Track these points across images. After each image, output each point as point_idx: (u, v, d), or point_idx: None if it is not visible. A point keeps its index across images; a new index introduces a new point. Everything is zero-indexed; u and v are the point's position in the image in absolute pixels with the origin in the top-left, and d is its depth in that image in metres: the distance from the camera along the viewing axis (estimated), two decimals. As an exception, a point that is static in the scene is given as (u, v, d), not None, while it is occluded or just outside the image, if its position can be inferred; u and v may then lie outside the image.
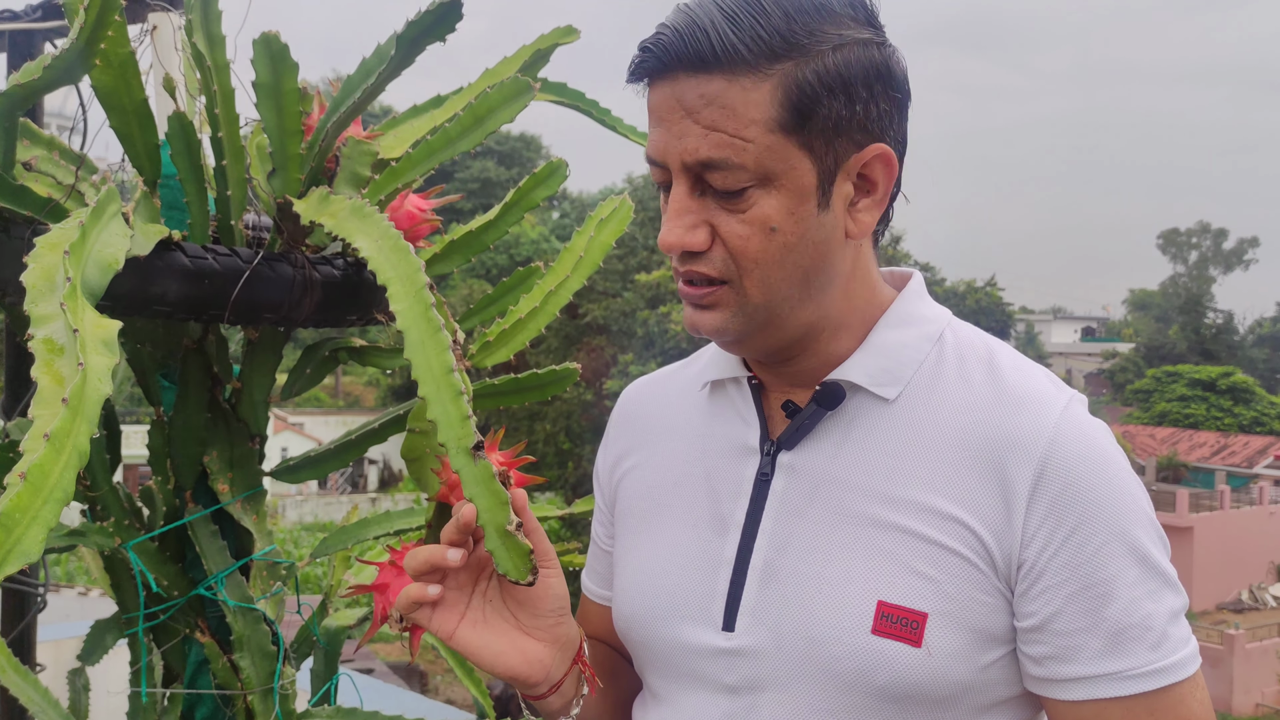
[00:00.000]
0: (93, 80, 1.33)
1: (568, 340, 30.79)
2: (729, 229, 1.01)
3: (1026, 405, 1.04)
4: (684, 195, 1.02)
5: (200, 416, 1.61)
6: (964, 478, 1.03)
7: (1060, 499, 0.99)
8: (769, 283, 1.03)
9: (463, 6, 1.25)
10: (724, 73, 0.97)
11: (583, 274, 1.75)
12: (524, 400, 1.80)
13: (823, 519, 1.07)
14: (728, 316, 1.05)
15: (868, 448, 1.07)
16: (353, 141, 1.54)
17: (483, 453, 1.04)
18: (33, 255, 1.00)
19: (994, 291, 53.89)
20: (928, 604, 1.00)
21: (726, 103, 0.97)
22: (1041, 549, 1.00)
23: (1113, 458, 1.02)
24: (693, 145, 0.99)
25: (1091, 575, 0.98)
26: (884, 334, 1.11)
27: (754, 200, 1.00)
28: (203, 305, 1.43)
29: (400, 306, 1.13)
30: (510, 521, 1.03)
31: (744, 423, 1.16)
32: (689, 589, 1.13)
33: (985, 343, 1.12)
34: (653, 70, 1.01)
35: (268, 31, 1.41)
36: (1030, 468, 1.00)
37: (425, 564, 1.07)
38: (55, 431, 0.81)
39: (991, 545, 1.01)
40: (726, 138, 0.97)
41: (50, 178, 1.49)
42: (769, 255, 1.01)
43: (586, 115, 1.90)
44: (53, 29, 1.93)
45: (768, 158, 0.98)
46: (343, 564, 2.15)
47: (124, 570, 1.65)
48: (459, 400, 1.05)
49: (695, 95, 0.98)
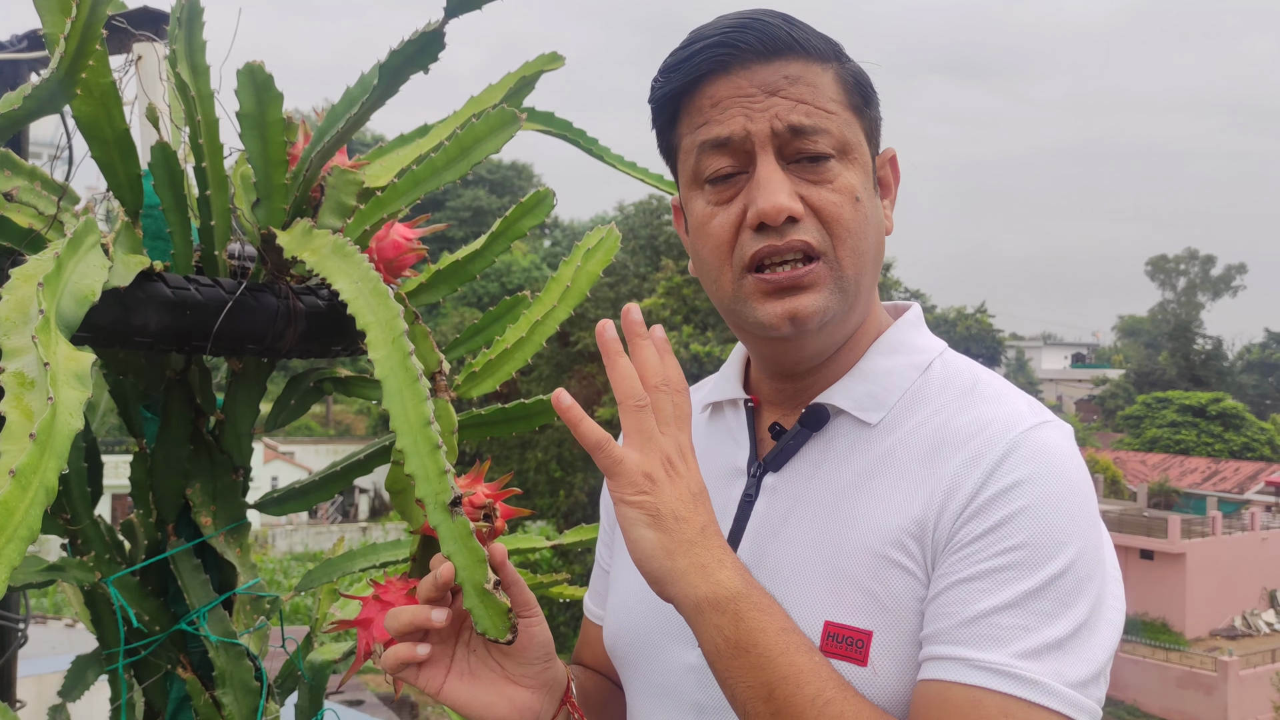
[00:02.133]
0: (74, 110, 1.32)
1: (559, 368, 30.77)
2: (821, 197, 1.04)
3: (995, 421, 1.02)
4: (774, 164, 1.04)
5: (183, 449, 1.59)
6: (921, 488, 1.01)
7: (996, 498, 0.96)
8: (859, 253, 1.05)
9: (444, 37, 1.24)
10: (799, 57, 1.05)
11: (570, 304, 1.74)
12: (511, 431, 1.78)
13: (793, 539, 1.07)
14: (826, 295, 1.05)
15: (841, 469, 1.07)
16: (338, 171, 1.53)
17: (460, 508, 1.03)
18: (7, 287, 0.99)
19: (984, 318, 54.06)
20: (872, 621, 0.99)
21: (810, 80, 1.04)
22: (961, 540, 0.97)
23: (1068, 477, 0.98)
24: (784, 113, 1.03)
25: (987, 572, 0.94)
26: (874, 360, 1.11)
27: (838, 171, 1.04)
28: (185, 336, 1.42)
29: (378, 354, 1.12)
30: (488, 579, 1.02)
31: (736, 445, 1.17)
32: (669, 607, 1.12)
33: (973, 372, 1.12)
34: (723, 60, 1.05)
35: (252, 62, 1.40)
36: (980, 471, 0.98)
37: (409, 625, 1.06)
38: (21, 468, 0.79)
39: (926, 541, 0.99)
40: (814, 108, 1.04)
41: (32, 208, 1.48)
42: (858, 224, 1.05)
43: (574, 144, 1.89)
44: (38, 59, 1.92)
45: (846, 130, 1.05)
46: (329, 597, 2.12)
47: (105, 605, 1.62)
48: (436, 454, 1.04)
49: (778, 76, 1.04)
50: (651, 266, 37.19)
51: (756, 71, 1.04)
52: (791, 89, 1.04)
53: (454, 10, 1.23)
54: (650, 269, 37.33)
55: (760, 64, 1.04)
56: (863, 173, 1.06)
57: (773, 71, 1.04)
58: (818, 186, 1.03)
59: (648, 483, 0.97)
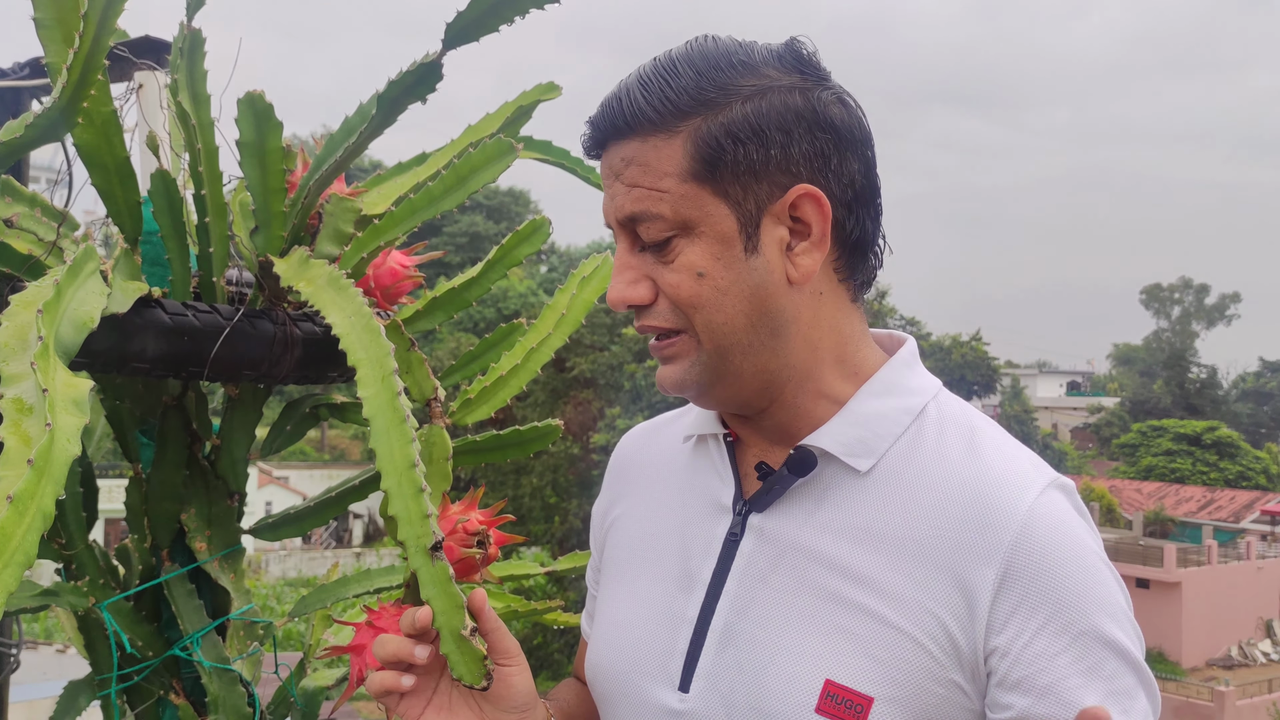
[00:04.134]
0: (75, 138, 1.33)
1: (554, 394, 30.75)
2: (664, 279, 1.05)
3: (1001, 488, 1.02)
4: (624, 252, 1.08)
5: (178, 474, 1.60)
6: (931, 560, 1.00)
7: (1032, 589, 0.97)
8: (712, 327, 1.05)
9: (442, 68, 1.26)
10: (638, 135, 1.04)
11: (565, 331, 1.75)
12: (506, 457, 1.79)
13: (785, 586, 1.06)
14: (687, 367, 1.07)
15: (838, 520, 1.06)
16: (336, 198, 1.54)
17: (441, 553, 1.05)
18: (6, 313, 1.00)
19: (979, 346, 54.13)
20: (875, 688, 0.98)
21: (641, 160, 1.04)
22: (1014, 637, 0.97)
23: (1087, 547, 1.00)
24: (621, 202, 1.05)
25: (1068, 667, 0.96)
26: (864, 402, 1.09)
27: (679, 249, 1.04)
28: (182, 362, 1.43)
29: (367, 392, 1.14)
30: (465, 626, 1.03)
31: (720, 480, 1.16)
32: (651, 645, 1.13)
33: (969, 420, 1.10)
34: (592, 145, 1.09)
35: (252, 91, 1.42)
36: (1000, 554, 0.98)
37: (393, 657, 1.08)
38: (19, 493, 0.79)
39: (955, 632, 0.99)
40: (644, 191, 1.03)
41: (32, 234, 1.49)
42: (703, 299, 1.04)
43: (571, 173, 1.91)
44: (40, 86, 1.94)
45: (684, 206, 1.03)
46: (322, 623, 2.12)
47: (98, 630, 1.62)
48: (419, 498, 1.05)
49: (618, 159, 1.06)
50: (648, 293, 37.12)
51: (610, 153, 1.07)
52: (627, 171, 1.05)
53: (451, 43, 1.25)
54: (646, 295, 37.25)
55: (613, 144, 1.06)
56: (714, 242, 1.03)
57: (617, 153, 1.06)
58: (664, 267, 1.05)
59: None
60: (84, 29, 1.13)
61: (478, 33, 1.26)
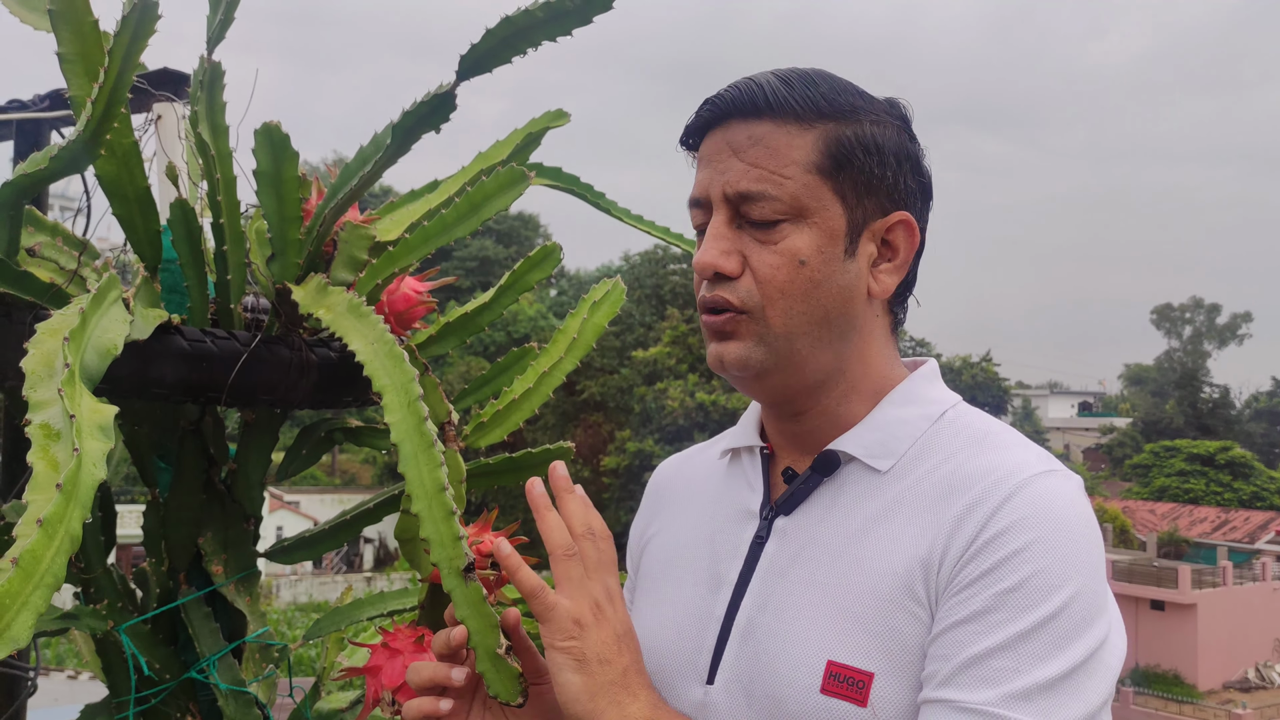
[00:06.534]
0: (97, 170, 1.36)
1: (565, 417, 30.76)
2: (760, 258, 1.08)
3: (1001, 466, 1.05)
4: (722, 224, 1.10)
5: (196, 498, 1.62)
6: (928, 531, 1.04)
7: (994, 541, 0.99)
8: (791, 314, 1.09)
9: (456, 98, 1.29)
10: (773, 118, 1.08)
11: (576, 356, 1.77)
12: (518, 479, 1.80)
13: (800, 579, 1.09)
14: (749, 346, 1.10)
15: (851, 513, 1.10)
16: (350, 226, 1.57)
17: (474, 574, 1.07)
18: (33, 341, 1.02)
19: (989, 367, 54.03)
20: (875, 663, 1.01)
21: (771, 143, 1.08)
22: (960, 582, 0.99)
23: (1069, 524, 1.00)
24: (735, 178, 1.08)
25: (978, 614, 0.97)
26: (887, 410, 1.15)
27: (786, 233, 1.08)
28: (200, 388, 1.45)
29: (394, 419, 1.16)
30: (500, 645, 1.05)
31: (750, 489, 1.20)
32: (683, 644, 1.16)
33: (985, 423, 1.14)
34: (710, 119, 1.12)
35: (269, 122, 1.44)
36: (981, 514, 1.01)
37: (430, 681, 1.10)
38: (48, 517, 0.82)
39: (930, 584, 1.02)
40: (766, 173, 1.07)
41: (53, 263, 1.52)
42: (795, 287, 1.08)
43: (581, 198, 1.94)
44: (59, 118, 1.97)
45: (804, 194, 1.07)
46: (336, 646, 2.14)
47: (116, 653, 1.64)
48: (451, 520, 1.08)
49: (744, 136, 1.09)
50: (657, 315, 37.28)
51: (733, 130, 1.10)
52: (751, 150, 1.08)
53: (465, 74, 1.28)
54: (655, 318, 37.41)
55: (738, 122, 1.09)
56: (822, 235, 1.08)
57: (743, 131, 1.09)
58: (763, 247, 1.08)
59: (576, 628, 1.04)
60: (109, 64, 1.16)
61: (491, 64, 1.29)
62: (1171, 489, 44.96)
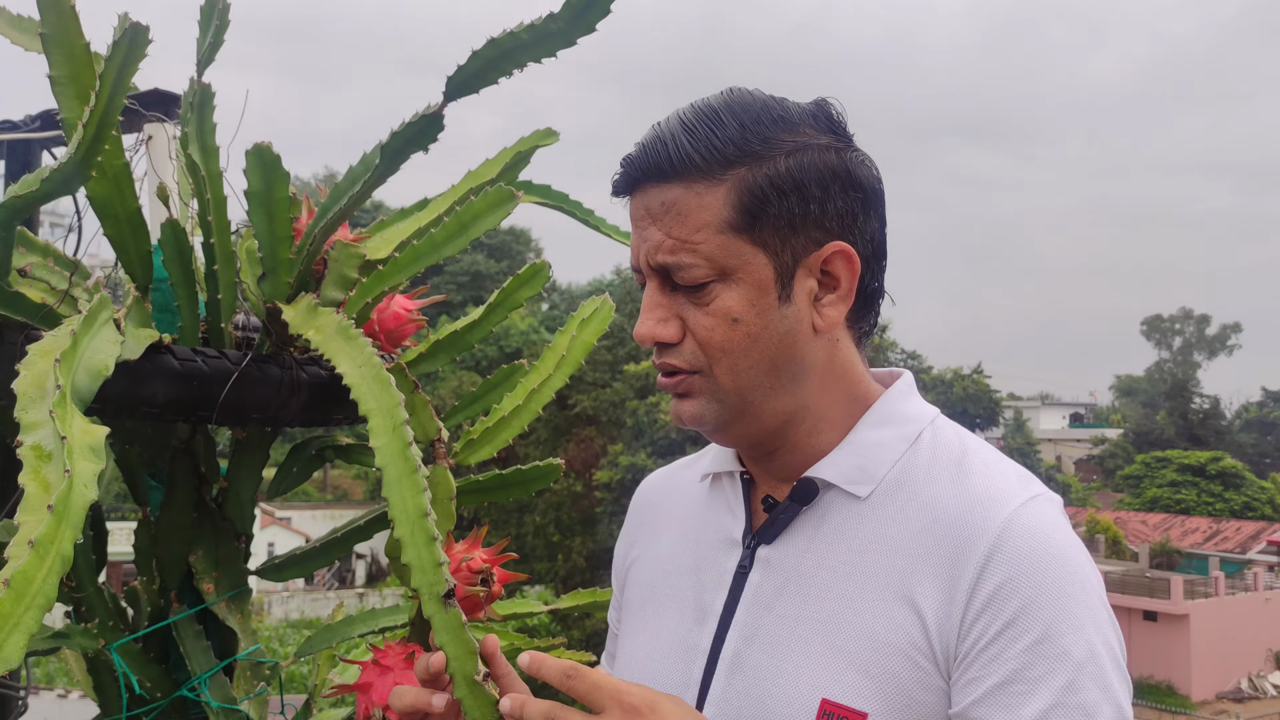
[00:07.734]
0: (88, 191, 1.37)
1: (557, 431, 30.72)
2: (695, 321, 1.08)
3: (983, 501, 1.05)
4: (655, 291, 1.11)
5: (187, 516, 1.63)
6: (919, 574, 1.04)
7: (1000, 592, 1.00)
8: (737, 370, 1.09)
9: (443, 119, 1.30)
10: (681, 181, 1.06)
11: (565, 372, 1.78)
12: (508, 496, 1.81)
13: (788, 612, 1.09)
14: (704, 404, 1.11)
15: (835, 545, 1.10)
16: (340, 245, 1.58)
17: (454, 600, 1.08)
18: (25, 362, 1.03)
19: (980, 379, 54.16)
20: (869, 704, 1.01)
21: (682, 208, 1.06)
22: (975, 641, 1.00)
23: (1065, 556, 1.02)
24: (653, 249, 1.08)
25: (1017, 672, 0.97)
26: (863, 433, 1.14)
27: (716, 294, 1.07)
28: (191, 407, 1.46)
29: (379, 442, 1.17)
30: (478, 671, 1.06)
31: (732, 516, 1.20)
32: (668, 676, 1.16)
33: (962, 443, 1.14)
34: (626, 184, 1.11)
35: (260, 142, 1.46)
36: (975, 562, 1.01)
37: (411, 707, 1.10)
38: (40, 538, 0.82)
39: (935, 640, 1.02)
40: (679, 242, 1.06)
41: (45, 283, 1.53)
42: (734, 344, 1.08)
43: (570, 216, 1.95)
44: (50, 139, 1.98)
45: (721, 255, 1.06)
46: (327, 663, 2.14)
47: (107, 672, 1.64)
48: (432, 546, 1.08)
49: (658, 203, 1.08)
50: (649, 329, 37.15)
51: (649, 195, 1.08)
52: (665, 218, 1.06)
53: (452, 95, 1.29)
54: (648, 332, 37.28)
55: (652, 187, 1.08)
56: (751, 289, 1.07)
57: (657, 197, 1.07)
58: (697, 309, 1.08)
59: None
60: (100, 87, 1.17)
61: (478, 85, 1.30)
62: (1163, 500, 45.06)
